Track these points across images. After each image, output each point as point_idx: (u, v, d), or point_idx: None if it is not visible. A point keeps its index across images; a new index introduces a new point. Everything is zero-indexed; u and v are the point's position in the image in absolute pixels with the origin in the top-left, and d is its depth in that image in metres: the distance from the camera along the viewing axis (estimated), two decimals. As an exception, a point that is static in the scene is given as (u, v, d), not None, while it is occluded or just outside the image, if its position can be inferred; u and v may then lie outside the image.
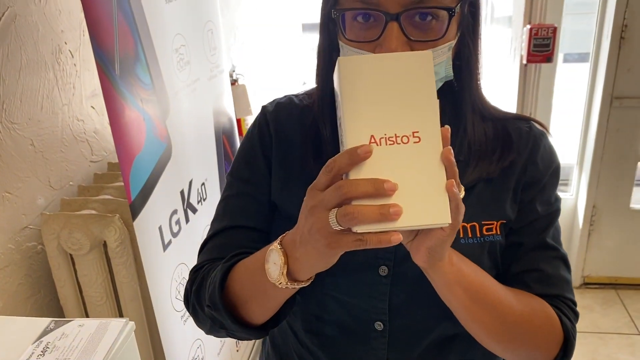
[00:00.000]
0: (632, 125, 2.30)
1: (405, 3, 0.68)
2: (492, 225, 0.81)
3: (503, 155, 0.81)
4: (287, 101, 0.91)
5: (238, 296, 0.78)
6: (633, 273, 2.59)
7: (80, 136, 1.64)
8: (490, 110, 0.84)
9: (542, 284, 0.82)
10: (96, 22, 1.11)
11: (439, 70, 0.73)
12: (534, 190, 0.83)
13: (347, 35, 0.73)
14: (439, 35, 0.70)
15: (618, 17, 2.12)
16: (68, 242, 1.29)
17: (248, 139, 0.91)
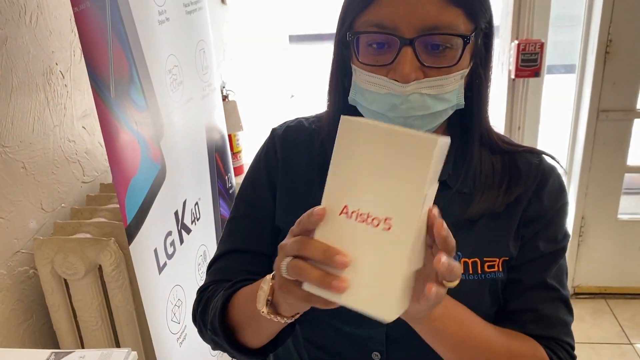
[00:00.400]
0: (618, 138, 2.34)
1: (420, 28, 0.68)
2: (494, 262, 0.80)
3: (510, 189, 0.80)
4: (296, 124, 0.92)
5: (236, 322, 0.80)
6: (622, 282, 2.61)
7: (71, 157, 1.63)
8: (499, 143, 0.83)
9: (538, 325, 0.80)
10: (91, 46, 1.11)
11: (450, 97, 0.73)
12: (537, 226, 0.81)
13: (361, 59, 0.73)
14: (453, 62, 0.70)
15: (603, 32, 2.16)
16: (63, 266, 1.27)
17: (256, 162, 0.92)
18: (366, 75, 0.73)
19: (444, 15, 0.68)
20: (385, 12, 0.69)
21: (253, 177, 0.91)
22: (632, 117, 2.30)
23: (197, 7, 1.66)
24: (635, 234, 2.54)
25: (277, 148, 0.89)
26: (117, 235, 1.32)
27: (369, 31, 0.71)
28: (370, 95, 0.73)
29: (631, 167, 2.47)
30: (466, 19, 0.70)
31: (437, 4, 0.68)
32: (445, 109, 0.73)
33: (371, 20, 0.70)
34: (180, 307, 1.50)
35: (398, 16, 0.68)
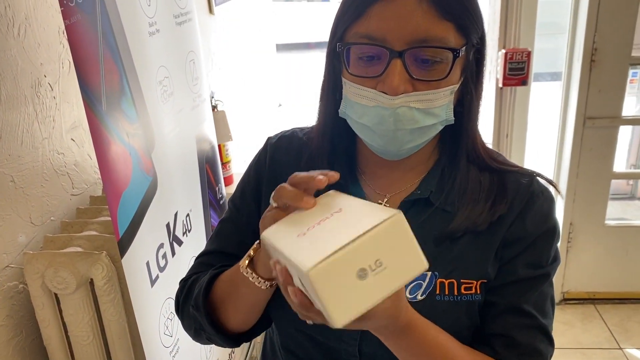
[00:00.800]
0: (605, 144, 2.37)
1: (410, 41, 0.68)
2: (471, 284, 0.78)
3: (494, 207, 0.78)
4: (290, 135, 0.92)
5: (217, 297, 0.83)
6: (610, 288, 2.64)
7: (60, 170, 1.61)
8: (488, 160, 0.81)
9: (510, 351, 0.78)
10: (83, 58, 1.10)
11: (439, 112, 0.73)
12: (517, 249, 0.79)
13: (351, 70, 0.73)
14: (442, 76, 0.70)
15: (588, 41, 2.19)
16: (53, 281, 1.26)
17: (248, 168, 0.94)
18: (355, 88, 0.73)
19: (435, 29, 0.68)
20: (375, 24, 0.69)
21: (243, 183, 0.93)
22: (617, 124, 2.34)
23: (187, 18, 1.66)
24: (622, 240, 2.57)
25: (268, 156, 0.90)
26: (109, 249, 1.31)
27: (358, 42, 0.71)
28: (360, 108, 0.73)
29: (617, 173, 2.51)
30: (457, 33, 0.70)
31: (427, 17, 0.68)
32: (434, 124, 0.73)
33: (361, 33, 0.71)
34: (173, 320, 1.48)
35: (388, 28, 0.68)
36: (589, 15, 2.14)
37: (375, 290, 0.52)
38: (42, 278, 1.27)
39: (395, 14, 0.68)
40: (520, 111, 2.35)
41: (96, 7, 1.15)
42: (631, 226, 2.60)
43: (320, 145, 0.84)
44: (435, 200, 0.80)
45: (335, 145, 0.84)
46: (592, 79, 2.25)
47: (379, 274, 0.52)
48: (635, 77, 3.38)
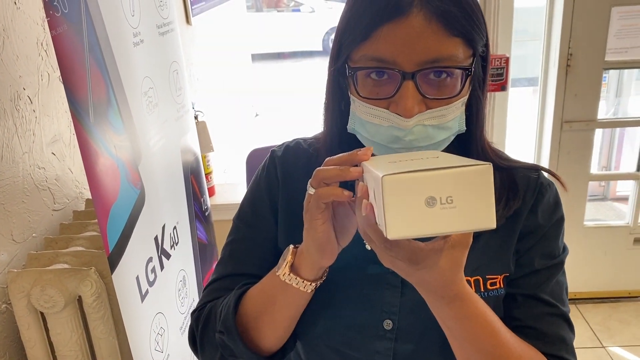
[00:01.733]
0: (582, 147, 2.41)
1: (421, 62, 0.68)
2: (496, 279, 0.80)
3: (508, 204, 0.80)
4: (295, 146, 0.91)
5: (249, 315, 0.79)
6: (591, 287, 2.68)
7: (41, 184, 1.57)
8: (496, 159, 0.83)
9: (537, 341, 0.79)
10: (69, 69, 1.07)
11: (452, 125, 0.73)
12: (531, 241, 0.81)
13: (360, 92, 0.73)
14: (454, 93, 0.70)
15: (563, 46, 2.23)
16: (40, 299, 1.22)
17: (256, 183, 0.91)
18: (366, 107, 0.72)
19: (445, 47, 0.68)
20: (384, 47, 0.68)
21: (254, 198, 0.90)
22: (593, 127, 2.39)
23: (170, 28, 1.64)
24: (601, 240, 2.62)
25: (278, 168, 0.88)
26: (97, 264, 1.27)
27: (369, 67, 0.71)
28: (372, 127, 0.73)
29: (595, 175, 2.56)
30: (465, 47, 0.70)
31: (437, 36, 0.67)
32: (447, 137, 0.74)
33: (370, 55, 0.70)
34: (163, 335, 1.45)
35: (398, 50, 0.68)
36: (564, 22, 2.19)
37: (436, 222, 0.53)
38: (28, 297, 1.23)
39: (405, 36, 0.67)
40: (499, 116, 2.38)
41: (82, 17, 1.13)
42: (608, 226, 2.65)
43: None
44: None
45: None
46: (568, 84, 2.29)
47: (446, 209, 0.53)
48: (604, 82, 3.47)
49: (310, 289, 0.73)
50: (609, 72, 3.33)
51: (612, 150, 3.52)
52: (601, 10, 2.20)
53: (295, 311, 0.77)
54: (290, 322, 0.79)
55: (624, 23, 2.33)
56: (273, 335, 0.79)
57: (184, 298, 1.65)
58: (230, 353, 0.80)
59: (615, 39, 2.32)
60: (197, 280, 1.79)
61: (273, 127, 4.95)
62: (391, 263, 0.61)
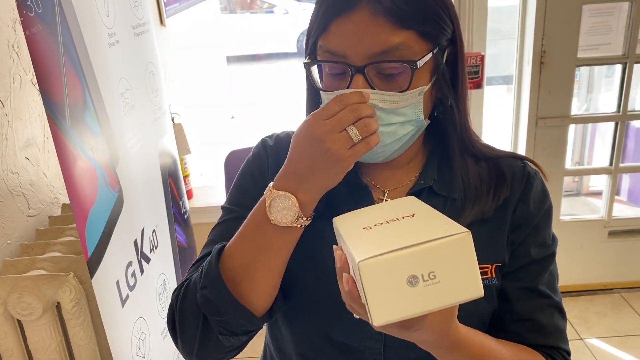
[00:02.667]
0: (557, 143, 2.45)
1: (368, 55, 0.69)
2: (486, 268, 0.80)
3: (497, 194, 0.80)
4: (285, 137, 0.91)
5: (237, 267, 0.74)
6: (568, 281, 2.72)
7: (15, 190, 1.53)
8: (482, 150, 0.84)
9: (535, 334, 0.81)
10: (44, 71, 1.05)
11: (407, 112, 0.73)
12: (525, 231, 0.82)
13: (324, 83, 0.76)
14: (404, 87, 0.71)
15: (537, 44, 2.27)
16: (17, 307, 1.19)
17: (247, 168, 0.90)
18: (329, 95, 0.74)
19: (392, 39, 0.69)
20: (335, 40, 0.71)
21: (244, 182, 0.88)
22: (567, 122, 2.43)
23: (145, 29, 1.62)
24: (576, 234, 2.67)
25: (270, 155, 0.88)
26: (76, 270, 1.25)
27: (323, 59, 0.73)
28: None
29: (569, 170, 2.60)
30: (420, 39, 0.70)
31: (384, 29, 0.68)
32: (402, 123, 0.74)
33: (325, 47, 0.73)
34: (145, 340, 1.43)
35: (347, 44, 0.70)
36: (537, 20, 2.22)
37: (421, 301, 0.52)
38: (5, 305, 1.20)
39: (353, 30, 0.69)
40: (475, 114, 2.41)
41: (56, 17, 1.10)
42: (584, 220, 2.70)
43: None
44: (439, 190, 0.81)
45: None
46: (542, 81, 2.33)
47: (429, 286, 0.51)
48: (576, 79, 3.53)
49: (308, 222, 0.72)
50: (580, 70, 3.40)
51: (584, 146, 3.58)
52: (572, 8, 2.24)
53: (289, 253, 0.75)
54: (284, 267, 0.76)
55: (595, 20, 2.38)
56: (267, 285, 0.75)
57: (165, 302, 1.62)
58: (215, 311, 0.74)
59: (587, 36, 2.37)
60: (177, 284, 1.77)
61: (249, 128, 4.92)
62: (383, 329, 0.60)
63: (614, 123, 2.52)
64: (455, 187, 0.81)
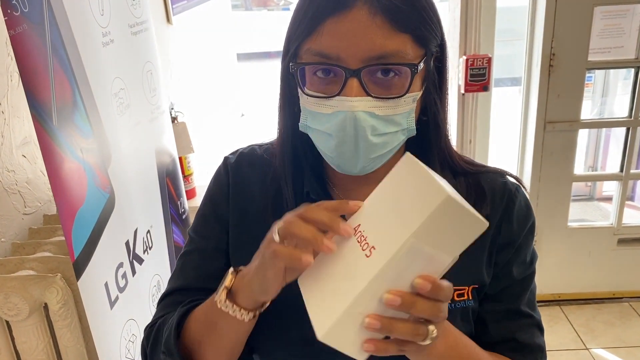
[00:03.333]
0: (565, 148, 2.40)
1: (365, 59, 0.65)
2: (463, 290, 0.78)
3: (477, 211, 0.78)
4: (249, 152, 0.87)
5: (193, 338, 0.75)
6: (574, 289, 2.68)
7: (11, 188, 1.53)
8: (461, 165, 0.81)
9: (516, 353, 0.80)
10: (30, 71, 1.04)
11: (400, 120, 0.70)
12: (509, 252, 0.79)
13: (308, 89, 0.70)
14: (402, 92, 0.68)
15: (546, 47, 2.22)
16: (4, 307, 1.18)
17: (208, 192, 0.87)
18: (315, 99, 0.70)
19: (391, 43, 0.65)
20: (328, 42, 0.66)
21: (204, 209, 0.86)
22: (576, 127, 2.38)
23: (143, 28, 1.61)
24: (584, 241, 2.61)
25: (230, 176, 0.84)
26: (64, 271, 1.24)
27: (312, 62, 0.68)
28: (322, 117, 0.70)
29: (578, 175, 2.55)
30: (415, 44, 0.67)
31: (382, 32, 0.65)
32: (395, 132, 0.70)
33: (314, 50, 0.67)
34: (135, 342, 1.42)
35: (342, 46, 0.65)
36: (546, 22, 2.17)
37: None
38: (-8, 305, 1.20)
39: (349, 31, 0.64)
40: (482, 117, 2.37)
41: (44, 16, 1.09)
42: (593, 227, 2.64)
43: (283, 163, 0.80)
44: None
45: (300, 161, 0.80)
46: (550, 84, 2.28)
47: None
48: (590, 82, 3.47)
49: (248, 318, 0.68)
50: (595, 72, 3.33)
51: (598, 150, 3.52)
52: (584, 10, 2.18)
53: (237, 339, 0.73)
54: (233, 349, 0.74)
55: (607, 23, 2.32)
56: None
57: (159, 303, 1.62)
58: None
59: (598, 38, 2.32)
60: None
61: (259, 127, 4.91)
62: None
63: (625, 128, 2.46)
64: None
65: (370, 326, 0.55)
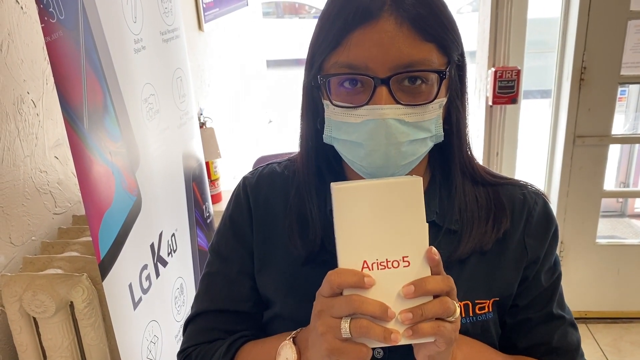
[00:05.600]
0: (594, 163, 2.36)
1: (393, 67, 0.66)
2: (484, 303, 0.79)
3: (496, 225, 0.78)
4: (269, 171, 0.88)
5: None
6: (601, 307, 2.62)
7: (43, 188, 1.57)
8: (481, 174, 0.81)
9: (553, 355, 0.82)
10: (64, 76, 1.07)
11: (429, 126, 0.71)
12: (537, 265, 0.81)
13: (334, 100, 0.71)
14: (429, 98, 0.69)
15: (577, 59, 2.19)
16: (32, 304, 1.22)
17: (228, 212, 0.88)
18: (342, 109, 0.70)
19: (418, 52, 0.66)
20: (356, 53, 0.67)
21: (224, 229, 0.87)
22: (607, 142, 2.33)
23: (174, 35, 1.64)
24: (613, 258, 2.56)
25: (250, 197, 0.85)
26: (90, 270, 1.27)
27: (340, 73, 0.69)
28: (349, 127, 0.70)
29: (607, 191, 2.50)
30: (439, 53, 0.69)
31: (409, 41, 0.66)
32: (424, 139, 0.71)
33: (342, 62, 0.68)
34: (157, 343, 1.44)
35: (370, 56, 0.66)
36: (578, 34, 2.15)
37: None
38: (20, 301, 1.23)
39: (376, 41, 0.66)
40: (510, 129, 2.34)
41: (79, 23, 1.13)
42: (622, 245, 2.59)
43: (306, 179, 0.81)
44: (440, 222, 0.79)
45: (323, 175, 0.81)
46: (581, 98, 2.24)
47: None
48: (624, 95, 3.40)
49: None
50: (629, 87, 3.27)
51: (630, 166, 3.44)
52: (617, 24, 2.15)
53: None
54: None
55: (641, 37, 2.28)
56: None
57: (181, 306, 1.64)
58: None
59: (632, 53, 2.27)
60: (196, 288, 1.78)
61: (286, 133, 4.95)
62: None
63: (658, 144, 2.41)
64: (455, 216, 0.78)
65: (407, 319, 0.58)
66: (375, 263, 0.61)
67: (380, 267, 0.61)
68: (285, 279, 0.80)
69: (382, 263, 0.61)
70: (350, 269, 0.60)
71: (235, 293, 0.84)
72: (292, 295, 0.78)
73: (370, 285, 0.59)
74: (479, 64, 2.34)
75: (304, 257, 0.78)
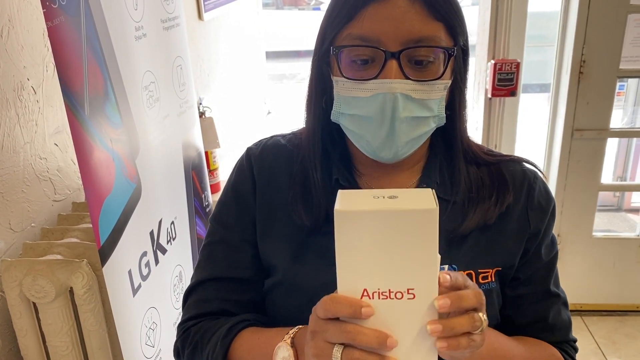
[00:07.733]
0: (592, 156, 2.37)
1: (405, 41, 0.69)
2: (487, 273, 0.81)
3: (499, 199, 0.80)
4: (273, 143, 0.89)
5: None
6: (597, 300, 2.64)
7: (42, 175, 1.58)
8: (481, 155, 0.84)
9: (548, 332, 0.85)
10: (65, 62, 1.07)
11: (433, 106, 0.73)
12: (539, 238, 0.83)
13: (345, 74, 0.73)
14: (437, 75, 0.71)
15: (576, 53, 2.20)
16: (31, 289, 1.22)
17: (230, 182, 0.89)
18: (352, 84, 0.72)
19: (428, 28, 0.69)
20: (369, 26, 0.70)
21: (226, 198, 0.88)
22: (605, 136, 2.34)
23: (175, 23, 1.64)
24: (609, 251, 2.58)
25: (254, 167, 0.86)
26: (90, 257, 1.28)
27: (353, 44, 0.71)
28: (359, 102, 0.72)
29: (605, 185, 2.51)
30: (447, 34, 0.72)
31: (420, 17, 0.69)
32: (427, 118, 0.73)
33: (354, 34, 0.71)
34: (155, 330, 1.45)
35: (382, 30, 0.69)
36: (578, 28, 2.15)
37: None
38: (20, 286, 1.24)
39: (389, 16, 0.69)
40: (509, 122, 2.35)
41: (81, 9, 1.13)
42: (618, 238, 2.60)
43: (312, 151, 0.82)
44: (441, 193, 0.80)
45: (328, 152, 0.83)
46: (580, 91, 2.25)
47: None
48: (622, 90, 3.41)
49: None
50: (628, 81, 3.27)
51: (628, 160, 3.46)
52: (617, 18, 2.15)
53: None
54: None
55: (641, 31, 2.28)
56: None
57: (180, 294, 1.65)
58: None
59: (631, 46, 2.28)
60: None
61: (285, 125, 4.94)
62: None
63: (655, 139, 2.42)
64: (458, 190, 0.80)
65: (435, 331, 0.55)
66: (376, 292, 0.56)
67: (382, 297, 0.56)
68: (289, 245, 0.80)
69: (384, 293, 0.56)
70: (347, 298, 0.56)
71: (237, 260, 0.84)
72: (295, 262, 0.79)
73: (368, 316, 0.55)
74: (479, 56, 2.34)
75: (308, 227, 0.79)
